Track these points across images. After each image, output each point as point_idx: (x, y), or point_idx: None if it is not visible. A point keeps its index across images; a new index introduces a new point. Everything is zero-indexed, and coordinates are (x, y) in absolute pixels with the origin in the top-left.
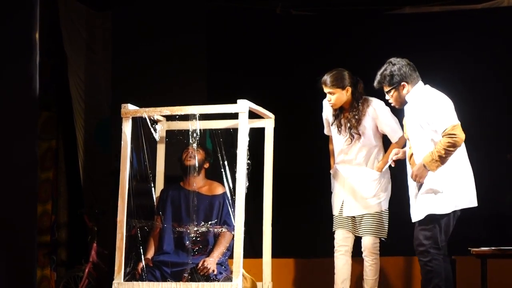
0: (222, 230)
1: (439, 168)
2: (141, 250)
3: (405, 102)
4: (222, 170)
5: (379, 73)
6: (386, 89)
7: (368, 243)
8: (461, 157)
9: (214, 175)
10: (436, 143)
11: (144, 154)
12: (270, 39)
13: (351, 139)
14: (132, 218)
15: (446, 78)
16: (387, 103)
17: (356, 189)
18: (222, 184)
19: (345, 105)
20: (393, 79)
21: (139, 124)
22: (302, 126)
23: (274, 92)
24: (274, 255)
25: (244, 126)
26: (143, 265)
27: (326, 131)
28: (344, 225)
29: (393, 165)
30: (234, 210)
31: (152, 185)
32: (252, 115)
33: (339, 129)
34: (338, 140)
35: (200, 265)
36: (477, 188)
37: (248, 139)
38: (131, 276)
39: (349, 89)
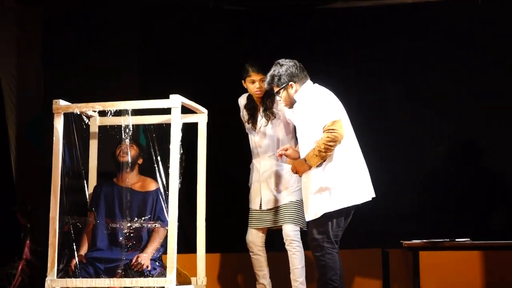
0: (155, 226)
1: (321, 163)
2: (74, 246)
3: (294, 102)
4: (155, 165)
5: (268, 74)
6: (275, 89)
7: (289, 231)
8: (350, 154)
9: (147, 170)
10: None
11: (76, 150)
12: (203, 34)
13: (267, 122)
14: (65, 215)
15: (376, 72)
16: None
17: (271, 181)
18: (155, 180)
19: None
20: (281, 80)
21: (71, 120)
22: (235, 121)
23: (208, 87)
24: (208, 250)
25: (176, 121)
26: (76, 262)
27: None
28: (258, 223)
29: (279, 159)
30: (167, 206)
31: (85, 181)
32: (186, 110)
33: (254, 124)
34: (253, 133)
35: (134, 261)
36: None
37: (181, 134)
38: (64, 272)
39: None
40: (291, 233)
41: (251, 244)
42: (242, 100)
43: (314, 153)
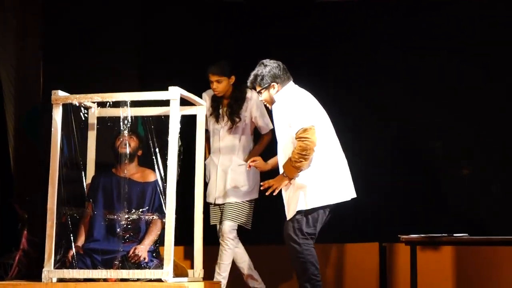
0: (153, 217)
1: (300, 173)
2: (72, 237)
3: (274, 102)
4: (154, 157)
5: (252, 73)
6: (257, 89)
7: (226, 227)
8: (327, 154)
9: (146, 162)
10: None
11: (75, 141)
12: (203, 27)
13: (232, 125)
14: (63, 206)
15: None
16: None
17: (228, 178)
18: (154, 171)
19: (227, 93)
20: (264, 80)
21: (70, 111)
22: None
23: (207, 79)
24: (206, 242)
25: (175, 113)
26: (73, 253)
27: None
28: (215, 218)
29: (248, 169)
30: (165, 198)
31: (83, 172)
32: (185, 102)
33: (217, 118)
34: (216, 129)
35: (131, 252)
36: (408, 175)
37: (180, 126)
38: (61, 263)
39: (234, 77)
40: (227, 230)
41: (227, 235)
42: (206, 96)
43: (290, 165)
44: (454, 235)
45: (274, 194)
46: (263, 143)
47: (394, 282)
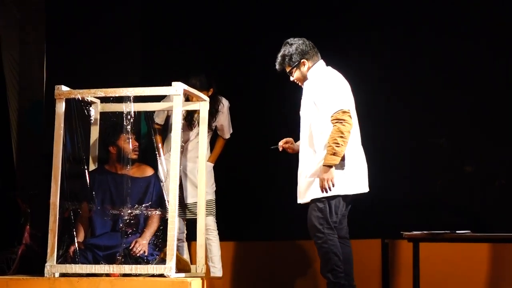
0: (154, 212)
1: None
2: (74, 232)
3: (307, 79)
4: (156, 152)
5: (279, 55)
6: (287, 69)
7: (210, 221)
8: (352, 144)
9: (148, 158)
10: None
11: (78, 136)
12: (206, 18)
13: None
14: (65, 201)
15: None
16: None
17: (194, 177)
18: (153, 166)
19: None
20: (292, 59)
21: (73, 106)
22: (243, 103)
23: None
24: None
25: (178, 108)
26: (75, 248)
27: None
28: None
29: (279, 150)
30: (164, 192)
31: (86, 167)
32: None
33: (190, 124)
34: (186, 133)
35: (131, 246)
36: (412, 172)
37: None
38: (64, 258)
39: (212, 90)
40: (212, 223)
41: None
42: None
43: (330, 152)
44: (457, 231)
45: (333, 187)
46: (222, 146)
47: (396, 278)
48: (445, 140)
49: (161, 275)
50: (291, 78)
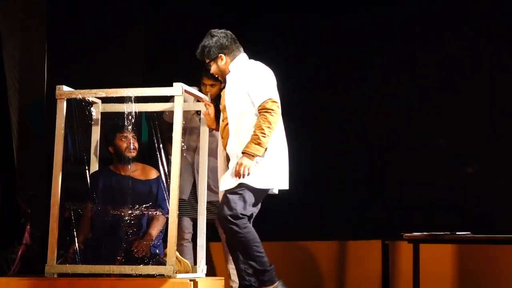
0: (156, 213)
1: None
2: (75, 232)
3: (226, 74)
4: (157, 153)
5: (200, 44)
6: (206, 61)
7: None
8: (281, 138)
9: (149, 158)
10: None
11: (79, 136)
12: (209, 19)
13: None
14: (66, 201)
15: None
16: None
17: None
18: (155, 167)
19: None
20: (211, 52)
21: (74, 106)
22: None
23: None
24: (211, 239)
25: (179, 109)
26: (76, 248)
27: None
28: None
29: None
30: (168, 194)
31: (86, 167)
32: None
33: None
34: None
35: (133, 247)
36: (411, 173)
37: (184, 122)
38: (64, 258)
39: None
40: None
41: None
42: None
43: (255, 141)
44: (457, 233)
45: (248, 175)
46: None
47: (396, 280)
48: (445, 141)
49: (162, 276)
50: (211, 71)
